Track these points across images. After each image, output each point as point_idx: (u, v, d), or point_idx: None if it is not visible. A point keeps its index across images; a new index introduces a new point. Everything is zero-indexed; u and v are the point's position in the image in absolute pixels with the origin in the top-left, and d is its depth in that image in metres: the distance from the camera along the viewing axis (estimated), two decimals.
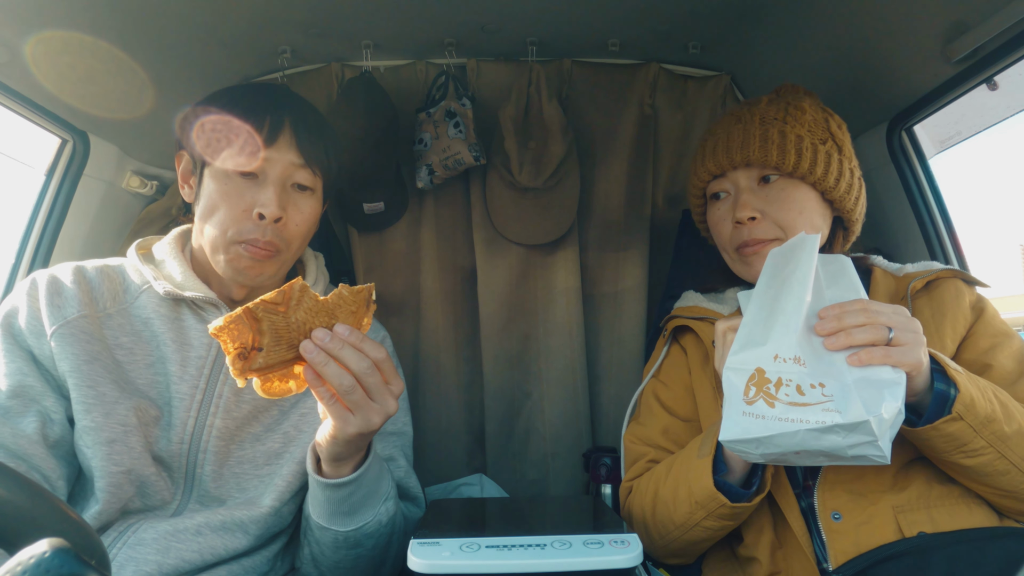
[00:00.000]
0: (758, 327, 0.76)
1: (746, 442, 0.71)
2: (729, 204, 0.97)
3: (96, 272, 0.90)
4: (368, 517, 0.82)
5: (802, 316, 0.73)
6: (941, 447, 0.74)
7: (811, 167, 0.91)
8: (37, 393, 0.80)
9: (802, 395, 0.69)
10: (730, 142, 0.95)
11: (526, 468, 1.55)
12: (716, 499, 0.81)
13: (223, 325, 0.62)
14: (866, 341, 0.70)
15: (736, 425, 0.72)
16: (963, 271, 0.95)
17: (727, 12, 1.27)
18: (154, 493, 0.84)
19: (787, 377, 0.70)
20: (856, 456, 0.68)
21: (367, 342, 0.69)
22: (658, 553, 0.95)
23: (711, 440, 0.84)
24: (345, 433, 0.70)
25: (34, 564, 0.34)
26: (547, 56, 1.47)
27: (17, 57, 1.05)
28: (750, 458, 0.75)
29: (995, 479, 0.76)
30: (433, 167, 1.41)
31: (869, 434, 0.65)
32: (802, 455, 0.70)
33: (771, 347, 0.73)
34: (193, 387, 0.87)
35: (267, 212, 0.85)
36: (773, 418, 0.69)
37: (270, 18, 1.24)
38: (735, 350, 0.76)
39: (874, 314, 0.71)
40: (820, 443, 0.67)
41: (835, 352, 0.71)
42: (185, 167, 0.94)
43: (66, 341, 0.81)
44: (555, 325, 1.54)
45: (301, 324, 0.66)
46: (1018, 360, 0.86)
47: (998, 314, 0.92)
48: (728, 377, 0.75)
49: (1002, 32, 0.95)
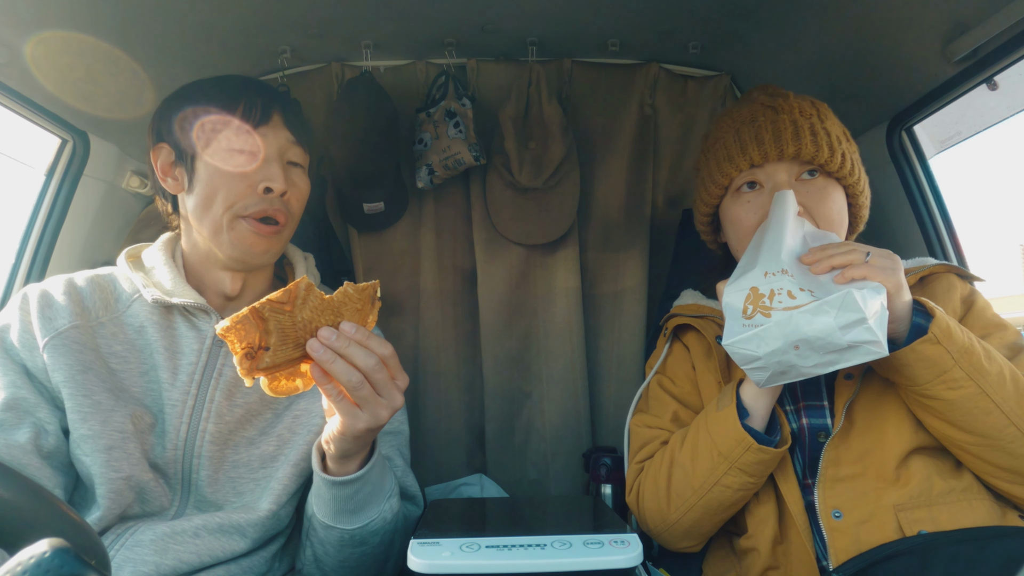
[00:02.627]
0: (748, 262, 0.83)
1: (746, 340, 0.75)
2: (763, 197, 0.92)
3: (87, 283, 0.90)
4: (373, 514, 0.83)
5: (785, 240, 0.80)
6: (921, 373, 0.77)
7: (851, 168, 0.92)
8: (31, 405, 0.80)
9: (793, 299, 0.74)
10: (777, 132, 0.91)
11: (526, 468, 1.55)
12: (743, 442, 0.82)
13: (230, 325, 0.62)
14: (845, 261, 0.76)
15: (737, 333, 0.76)
16: (957, 266, 0.95)
17: (727, 12, 1.27)
18: (152, 499, 0.85)
19: (778, 287, 0.76)
20: (852, 344, 0.70)
21: (373, 339, 0.70)
22: (670, 535, 0.94)
23: (729, 394, 0.86)
24: (355, 429, 0.71)
25: (34, 564, 0.34)
26: (547, 56, 1.47)
27: (17, 57, 1.05)
28: (756, 373, 0.77)
29: (979, 420, 0.76)
30: (433, 167, 1.41)
31: (856, 310, 0.68)
32: (802, 350, 0.73)
33: (760, 267, 0.79)
34: (184, 393, 0.87)
35: (275, 186, 0.88)
36: (771, 324, 0.74)
37: (270, 18, 1.24)
38: (731, 281, 0.81)
39: (854, 246, 0.78)
40: (813, 326, 0.70)
41: (822, 276, 0.77)
42: (165, 160, 0.93)
43: (59, 352, 0.81)
44: (555, 325, 1.54)
45: (307, 323, 0.67)
46: (1010, 347, 0.86)
47: (990, 306, 0.92)
48: (727, 303, 0.79)
49: (1002, 32, 0.95)
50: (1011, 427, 0.76)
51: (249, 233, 0.89)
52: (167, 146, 0.92)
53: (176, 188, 0.93)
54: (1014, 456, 0.78)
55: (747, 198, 0.94)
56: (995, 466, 0.80)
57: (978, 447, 0.79)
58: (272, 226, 0.90)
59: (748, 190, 0.94)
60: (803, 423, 0.90)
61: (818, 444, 0.88)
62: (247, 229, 0.88)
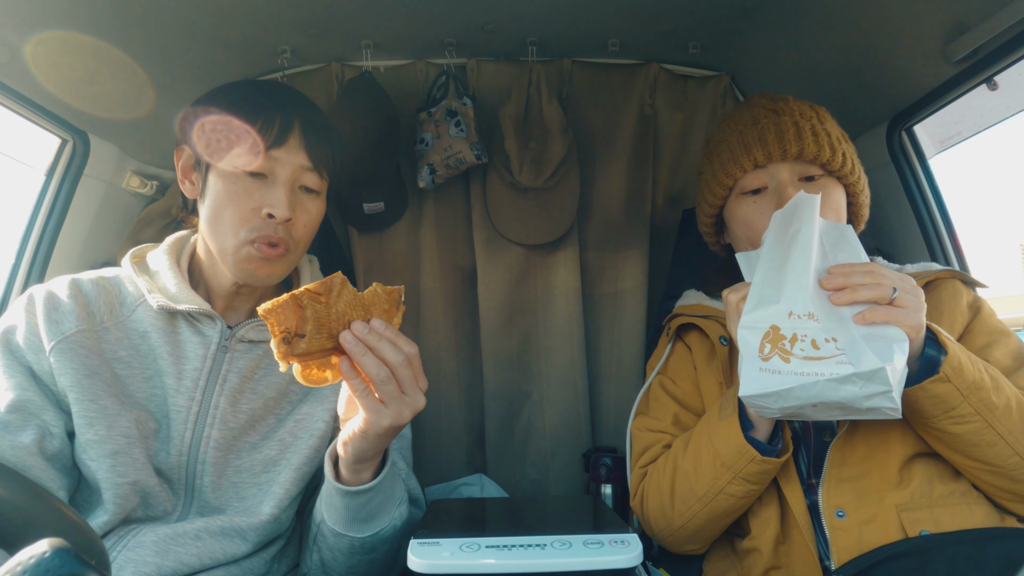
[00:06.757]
0: (769, 287, 0.78)
1: (765, 396, 0.73)
2: (768, 199, 0.93)
3: (92, 285, 0.90)
4: (384, 522, 0.83)
5: (811, 272, 0.76)
6: (929, 410, 0.76)
7: (852, 167, 0.93)
8: (36, 407, 0.80)
9: (817, 349, 0.71)
10: (780, 133, 0.92)
11: (526, 468, 1.55)
12: (746, 454, 0.81)
13: (271, 307, 0.65)
14: (871, 298, 0.73)
15: (754, 381, 0.73)
16: (962, 272, 0.96)
17: (727, 12, 1.27)
18: (156, 503, 0.85)
19: (802, 333, 0.72)
20: (871, 408, 0.69)
21: (401, 337, 0.71)
22: (674, 540, 0.94)
23: (731, 402, 0.85)
24: (378, 426, 0.71)
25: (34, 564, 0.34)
26: (547, 56, 1.47)
27: (17, 57, 1.05)
28: (767, 413, 0.76)
29: (983, 451, 0.76)
30: (435, 166, 1.41)
31: (884, 383, 0.67)
32: (819, 408, 0.72)
33: (785, 304, 0.75)
34: (189, 399, 0.87)
35: (277, 213, 0.85)
36: (789, 372, 0.71)
37: (270, 18, 1.24)
38: (748, 309, 0.77)
39: (880, 275, 0.74)
40: (838, 394, 0.69)
41: (843, 309, 0.74)
42: (186, 162, 0.92)
43: (65, 356, 0.81)
44: (555, 325, 1.54)
45: (341, 316, 0.69)
46: (1014, 356, 0.87)
47: (994, 313, 0.93)
48: (743, 336, 0.76)
49: (1002, 32, 0.95)
50: (1015, 457, 0.76)
51: (254, 258, 0.87)
52: (189, 149, 0.91)
53: (192, 193, 0.92)
54: (1017, 481, 0.78)
55: (753, 200, 0.95)
56: (997, 488, 0.80)
57: (980, 471, 0.79)
58: (275, 249, 0.87)
59: (753, 194, 0.95)
60: (809, 424, 0.90)
61: (823, 444, 0.88)
62: (253, 254, 0.87)
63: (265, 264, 0.88)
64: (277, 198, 0.85)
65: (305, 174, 0.89)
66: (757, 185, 0.94)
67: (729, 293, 0.84)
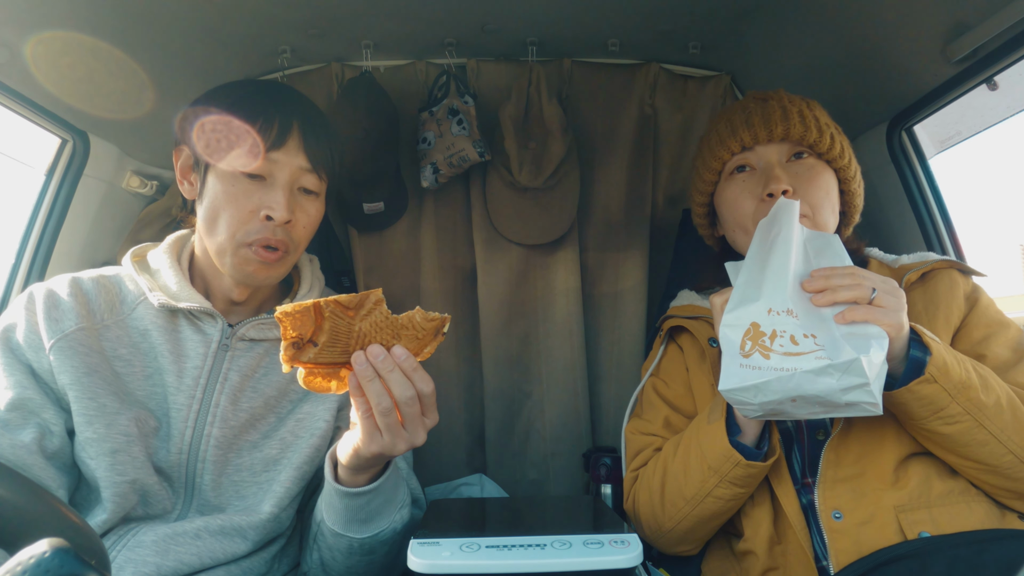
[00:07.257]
0: (751, 287, 0.79)
1: (744, 390, 0.73)
2: (755, 178, 0.94)
3: (92, 283, 0.90)
4: (384, 525, 0.82)
5: (790, 271, 0.77)
6: (918, 411, 0.76)
7: (841, 151, 0.94)
8: (36, 406, 0.80)
9: (796, 344, 0.72)
10: (766, 116, 0.94)
11: (526, 468, 1.55)
12: (731, 458, 0.81)
13: (290, 311, 0.63)
14: (850, 298, 0.73)
15: (733, 376, 0.74)
16: (959, 261, 0.95)
17: (727, 12, 1.27)
18: (156, 502, 0.85)
19: (781, 329, 0.73)
20: (850, 403, 0.70)
21: (418, 372, 0.69)
22: (665, 541, 0.94)
23: (720, 406, 0.86)
24: (368, 450, 0.71)
25: (34, 564, 0.34)
26: (547, 56, 1.47)
27: (17, 57, 1.05)
28: (749, 411, 0.76)
29: (976, 450, 0.76)
30: (438, 165, 1.41)
31: (861, 375, 0.67)
32: (799, 403, 0.72)
33: (764, 302, 0.76)
34: (190, 398, 0.87)
35: (276, 215, 0.85)
36: (769, 368, 0.72)
37: (270, 18, 1.24)
38: (729, 308, 0.78)
39: (860, 277, 0.74)
40: (815, 387, 0.69)
41: (824, 309, 0.74)
42: (184, 162, 0.92)
43: (65, 354, 0.81)
44: (555, 325, 1.54)
45: (362, 334, 0.67)
46: (1013, 348, 0.86)
47: (993, 303, 0.92)
48: (724, 334, 0.77)
49: (1002, 32, 0.95)
50: (1009, 455, 0.76)
51: (251, 260, 0.87)
52: (187, 149, 0.91)
53: (191, 193, 0.92)
54: (1012, 479, 0.78)
55: (740, 178, 0.96)
56: (994, 486, 0.80)
57: (976, 470, 0.79)
58: (274, 252, 0.87)
59: (739, 172, 0.97)
60: (801, 422, 0.90)
61: (817, 443, 0.88)
62: (250, 256, 0.87)
63: (263, 267, 0.88)
64: (276, 200, 0.85)
65: (304, 175, 0.89)
66: (743, 163, 0.96)
67: (715, 296, 0.84)
